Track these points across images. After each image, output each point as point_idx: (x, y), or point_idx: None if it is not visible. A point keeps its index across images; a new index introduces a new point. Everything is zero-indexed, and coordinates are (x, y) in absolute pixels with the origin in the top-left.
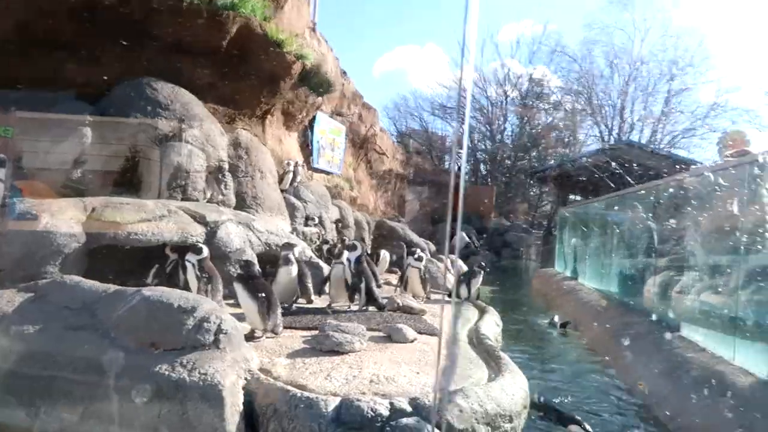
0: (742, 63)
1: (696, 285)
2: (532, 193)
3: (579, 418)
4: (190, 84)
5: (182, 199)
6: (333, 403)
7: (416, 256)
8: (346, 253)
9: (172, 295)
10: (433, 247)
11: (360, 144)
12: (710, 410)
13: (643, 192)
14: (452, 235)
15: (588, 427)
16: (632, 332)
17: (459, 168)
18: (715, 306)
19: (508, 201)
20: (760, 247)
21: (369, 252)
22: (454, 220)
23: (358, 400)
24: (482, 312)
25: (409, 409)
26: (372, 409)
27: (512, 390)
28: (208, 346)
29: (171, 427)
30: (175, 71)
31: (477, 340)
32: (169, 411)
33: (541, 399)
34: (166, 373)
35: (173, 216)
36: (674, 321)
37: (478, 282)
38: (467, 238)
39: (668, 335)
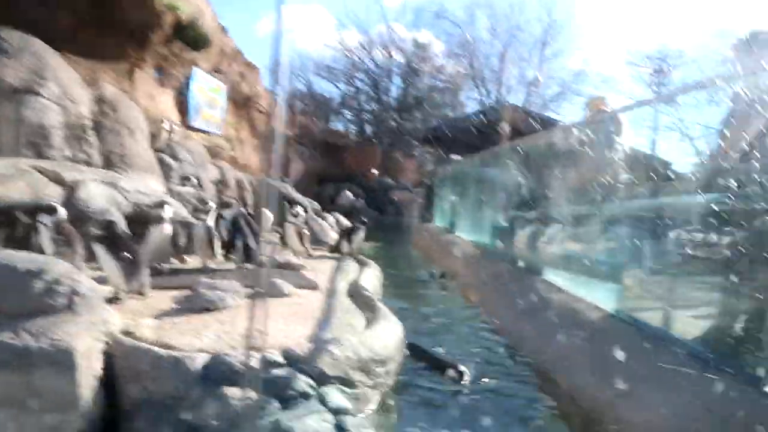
0: (605, 33)
1: (559, 234)
2: (415, 153)
3: (454, 362)
4: (47, 33)
5: (37, 158)
6: (201, 360)
7: (293, 211)
8: (213, 213)
9: (17, 257)
10: (317, 206)
11: (242, 103)
12: (567, 341)
13: (512, 149)
14: (336, 193)
15: (463, 368)
16: (502, 279)
17: (345, 129)
18: (573, 252)
19: (392, 161)
20: (611, 198)
21: (251, 212)
22: (339, 179)
23: (227, 355)
24: (362, 266)
25: (281, 360)
26: (243, 363)
27: (386, 336)
28: (60, 309)
29: (15, 398)
30: (29, 18)
31: (355, 293)
32: (13, 381)
33: (418, 346)
34: (10, 341)
35: (24, 176)
36: (539, 267)
37: (359, 237)
38: (351, 196)
39: (533, 280)
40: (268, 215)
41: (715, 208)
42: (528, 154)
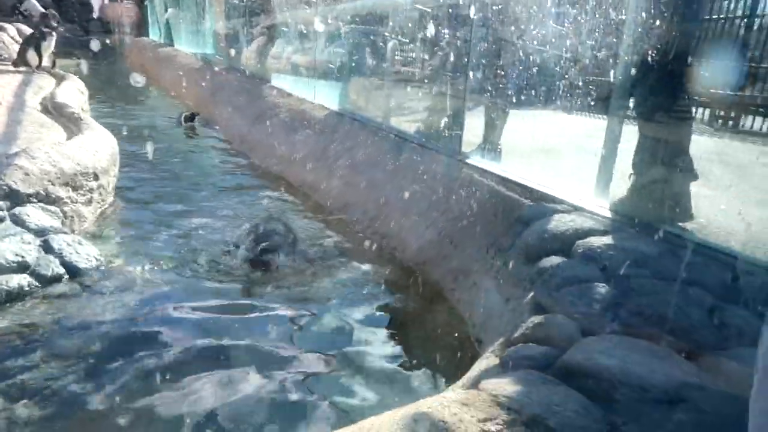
0: None
1: (287, 47)
2: None
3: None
4: None
5: None
6: None
7: None
8: None
9: None
10: None
11: None
12: (291, 138)
13: None
14: (20, 1)
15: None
16: (231, 88)
17: None
18: (300, 62)
19: None
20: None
21: None
22: None
23: None
24: (60, 80)
25: None
26: None
27: (94, 147)
28: None
29: None
30: None
31: (53, 106)
32: None
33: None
34: None
35: None
36: (267, 75)
37: (50, 46)
38: (40, 7)
39: (262, 87)
40: None
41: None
42: None
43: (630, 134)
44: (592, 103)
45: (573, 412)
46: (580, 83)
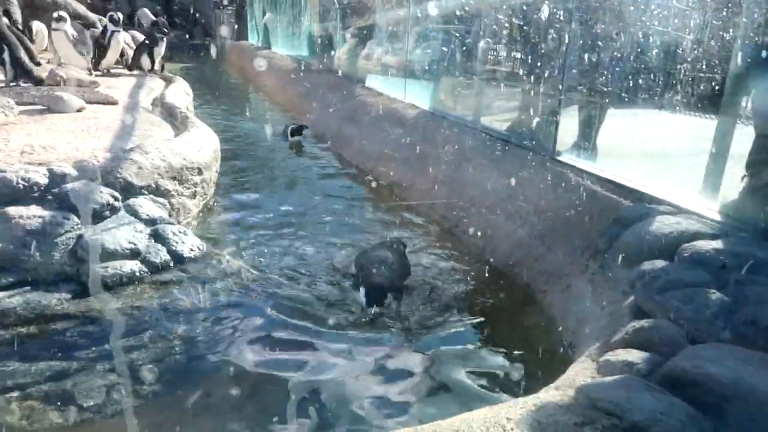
0: None
1: (378, 48)
2: None
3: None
4: None
5: None
6: None
7: (55, 16)
8: None
9: None
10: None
11: None
12: (386, 137)
13: None
14: (132, 11)
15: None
16: (324, 88)
17: None
18: (390, 62)
19: None
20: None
21: (21, 27)
22: None
23: (2, 171)
24: (169, 82)
25: (74, 173)
26: (23, 179)
27: (199, 144)
28: None
29: None
30: None
31: (162, 106)
32: None
33: None
34: None
35: None
36: (359, 75)
37: (161, 51)
38: (150, 15)
39: (354, 86)
40: (42, 29)
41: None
42: None
43: (741, 134)
44: (697, 102)
45: (679, 422)
46: (684, 80)
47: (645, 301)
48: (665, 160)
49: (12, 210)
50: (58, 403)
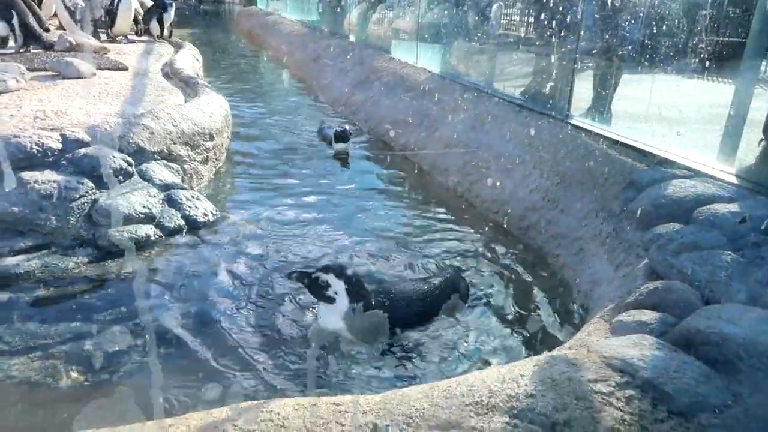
0: None
1: (389, 13)
2: None
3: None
4: None
5: None
6: None
7: None
8: None
9: None
10: None
11: None
12: (393, 101)
13: None
14: None
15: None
16: (334, 53)
17: None
18: (402, 27)
19: None
20: None
21: None
22: None
23: (15, 136)
24: (178, 48)
25: (87, 138)
26: (37, 144)
27: (210, 109)
28: None
29: None
30: None
31: (172, 72)
32: None
33: None
34: None
35: None
36: (369, 40)
37: (170, 17)
38: None
39: (365, 51)
40: None
41: None
42: None
43: (759, 99)
44: (714, 66)
45: (692, 379)
46: (702, 44)
47: (659, 263)
48: (682, 124)
49: (27, 175)
50: (79, 363)
